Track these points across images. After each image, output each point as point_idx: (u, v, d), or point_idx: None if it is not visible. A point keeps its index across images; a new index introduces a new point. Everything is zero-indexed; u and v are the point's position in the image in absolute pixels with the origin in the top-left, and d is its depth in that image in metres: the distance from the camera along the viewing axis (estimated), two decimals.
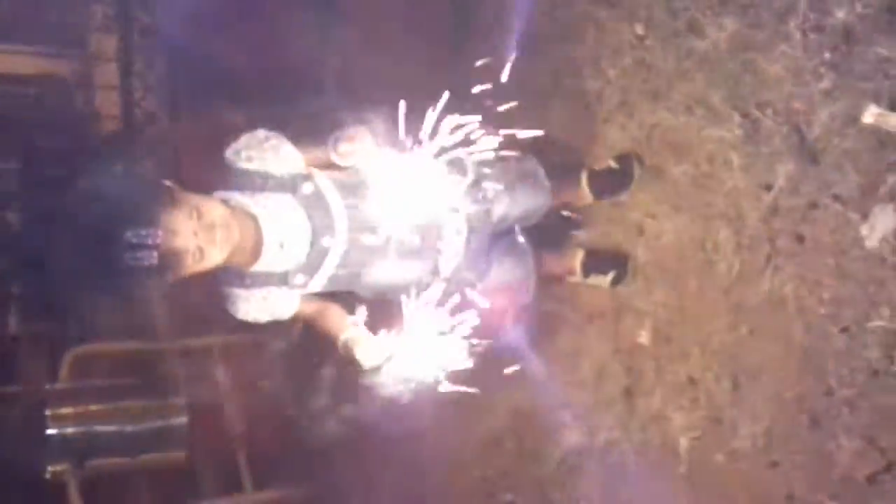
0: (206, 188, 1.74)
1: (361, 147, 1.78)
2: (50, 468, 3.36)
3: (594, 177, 2.45)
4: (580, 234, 2.56)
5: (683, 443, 2.33)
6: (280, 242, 1.74)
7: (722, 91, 2.24)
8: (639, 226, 2.46)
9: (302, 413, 3.65)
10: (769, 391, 2.15)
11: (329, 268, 1.81)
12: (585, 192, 2.45)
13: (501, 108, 2.01)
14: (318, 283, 1.83)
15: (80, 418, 3.45)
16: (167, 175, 1.72)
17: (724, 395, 2.25)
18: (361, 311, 1.84)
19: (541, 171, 2.22)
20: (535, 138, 2.72)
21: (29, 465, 3.36)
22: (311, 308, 1.89)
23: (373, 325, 1.85)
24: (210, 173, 1.81)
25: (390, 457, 3.20)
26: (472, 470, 2.94)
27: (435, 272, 1.98)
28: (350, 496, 3.45)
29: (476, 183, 2.01)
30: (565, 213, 2.53)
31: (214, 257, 1.66)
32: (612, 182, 2.45)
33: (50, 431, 3.39)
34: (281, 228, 1.74)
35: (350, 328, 1.83)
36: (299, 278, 1.80)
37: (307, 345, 3.53)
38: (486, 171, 2.05)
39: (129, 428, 3.52)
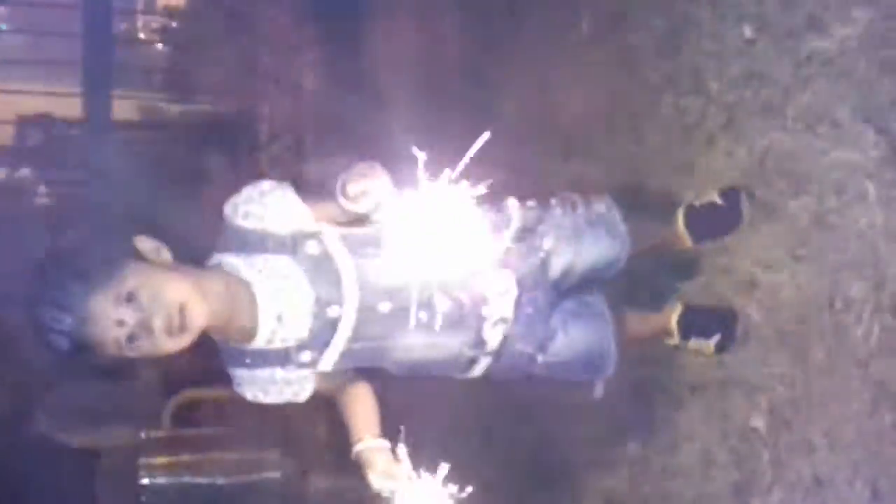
0: None
1: (374, 187, 1.45)
2: None
3: (693, 215, 1.98)
4: (678, 287, 2.08)
5: None
6: (278, 314, 1.44)
7: (851, 102, 1.72)
8: (750, 277, 1.95)
9: None
10: None
11: (340, 342, 1.49)
12: (683, 235, 1.98)
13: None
14: (330, 361, 1.51)
15: (172, 468, 3.37)
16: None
17: (859, 503, 1.69)
18: (401, 450, 1.47)
19: (615, 214, 1.77)
20: (623, 172, 2.32)
21: None
22: (336, 386, 1.58)
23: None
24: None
25: None
26: None
27: (479, 344, 1.60)
28: None
29: (525, 231, 1.64)
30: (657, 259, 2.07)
31: (161, 346, 1.36)
32: (715, 221, 1.96)
33: (142, 481, 3.32)
34: (279, 296, 1.44)
35: (369, 439, 1.51)
36: (306, 355, 1.48)
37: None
38: (539, 215, 1.67)
39: (221, 480, 3.39)
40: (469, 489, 1.39)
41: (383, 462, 1.46)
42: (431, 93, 3.48)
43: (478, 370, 1.66)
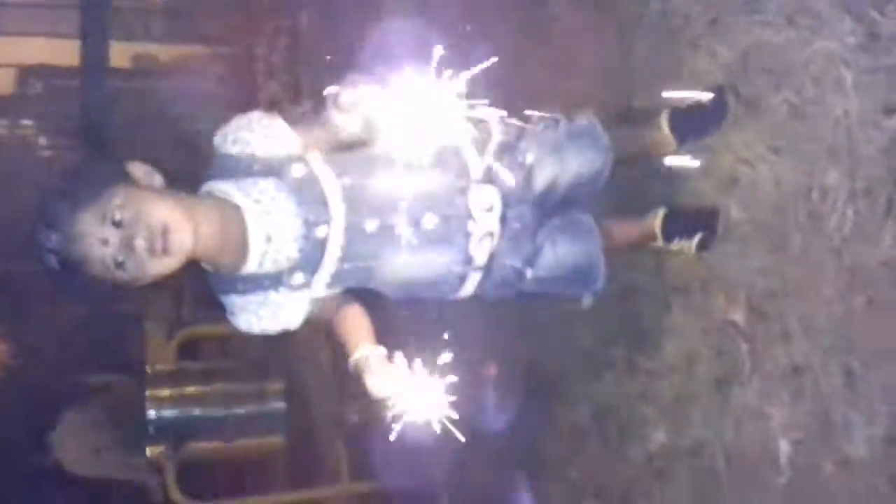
0: None
1: (364, 96, 1.46)
2: (148, 450, 3.36)
3: (677, 117, 1.99)
4: (661, 191, 2.10)
5: (784, 447, 1.83)
6: (267, 235, 1.46)
7: None
8: (731, 175, 1.97)
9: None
10: (891, 382, 1.62)
11: (330, 263, 1.51)
12: (667, 137, 2.00)
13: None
14: (322, 282, 1.53)
15: (178, 401, 3.44)
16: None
17: (833, 386, 1.73)
18: (398, 356, 1.45)
19: (597, 126, 1.78)
20: (612, 82, 2.33)
21: (128, 448, 3.38)
22: (328, 311, 1.57)
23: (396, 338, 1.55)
24: None
25: (476, 454, 2.89)
26: (559, 470, 2.55)
27: (467, 261, 1.62)
28: (441, 490, 3.17)
29: (508, 145, 1.65)
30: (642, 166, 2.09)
31: (148, 268, 1.38)
32: (698, 121, 1.98)
33: (149, 413, 3.39)
34: (268, 218, 1.46)
35: (364, 346, 1.48)
36: (297, 277, 1.50)
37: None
38: (520, 131, 1.69)
39: (226, 411, 3.46)
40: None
41: (380, 366, 1.43)
42: (428, 22, 3.49)
43: (468, 288, 1.67)
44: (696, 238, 2.00)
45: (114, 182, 1.39)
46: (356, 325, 1.55)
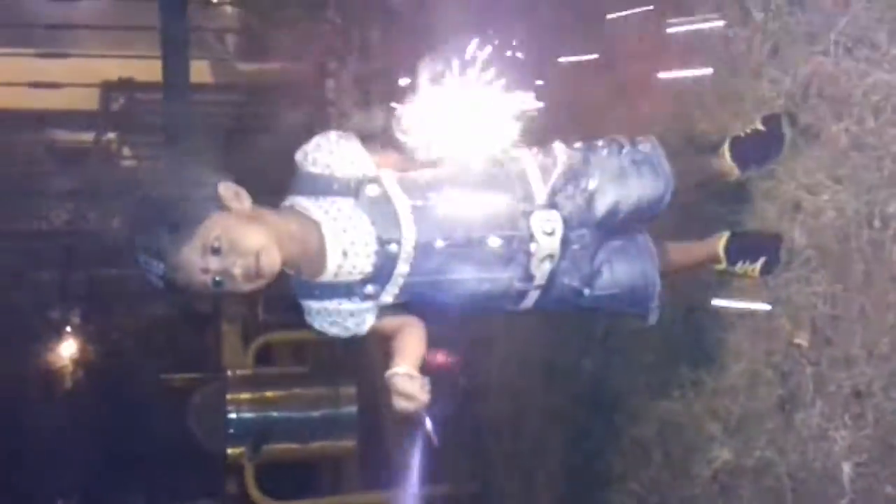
0: None
1: (425, 116, 1.59)
2: (229, 451, 3.54)
3: (738, 145, 2.05)
4: (725, 214, 2.15)
5: (847, 469, 1.87)
6: (343, 250, 1.60)
7: (888, 24, 1.76)
8: (794, 201, 2.01)
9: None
10: None
11: (399, 276, 1.64)
12: (730, 166, 2.05)
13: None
14: (391, 293, 1.66)
15: (257, 404, 3.61)
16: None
17: (895, 412, 1.77)
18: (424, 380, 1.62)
19: (660, 153, 1.83)
20: (674, 107, 2.38)
21: (211, 447, 3.56)
22: (390, 326, 1.71)
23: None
24: None
25: (546, 460, 2.98)
26: (623, 482, 2.62)
27: (527, 279, 1.72)
28: (508, 498, 3.27)
29: (571, 172, 1.74)
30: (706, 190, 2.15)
31: (240, 288, 1.55)
32: (759, 149, 2.03)
33: (230, 415, 3.57)
34: (344, 235, 1.60)
35: (403, 366, 1.62)
36: (369, 288, 1.64)
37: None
38: (585, 156, 1.78)
39: (301, 415, 3.62)
40: None
41: (403, 385, 1.58)
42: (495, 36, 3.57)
43: (528, 302, 1.78)
44: (760, 262, 2.05)
45: (208, 211, 1.53)
46: (406, 345, 1.68)
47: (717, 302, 2.18)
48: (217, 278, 1.52)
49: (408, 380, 1.60)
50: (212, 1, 6.67)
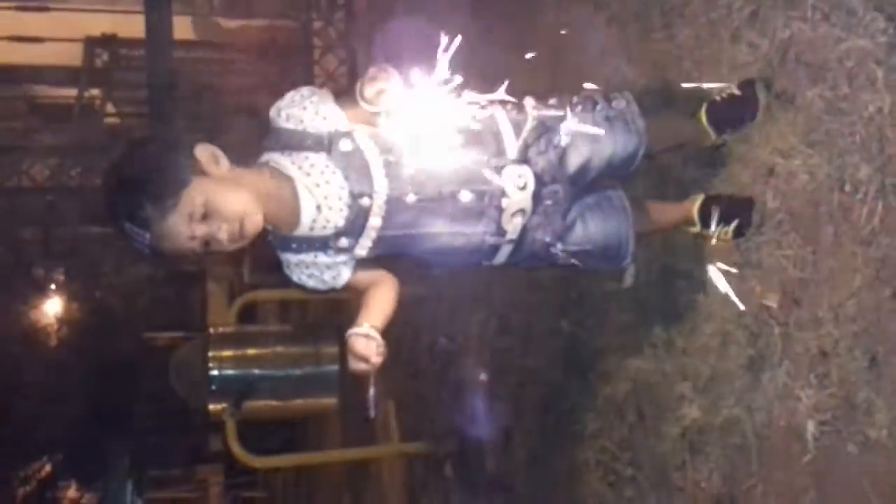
0: None
1: (388, 88, 1.59)
2: (211, 407, 3.58)
3: (714, 109, 2.07)
4: (700, 177, 2.18)
5: (810, 427, 1.92)
6: (317, 205, 1.63)
7: None
8: (768, 165, 2.04)
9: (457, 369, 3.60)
10: None
11: (372, 230, 1.66)
12: (705, 129, 2.08)
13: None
14: (364, 246, 1.68)
15: (238, 361, 3.64)
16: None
17: (858, 372, 1.81)
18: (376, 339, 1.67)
19: (634, 109, 1.84)
20: (656, 69, 2.40)
21: (193, 403, 3.59)
22: (364, 280, 1.75)
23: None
24: None
25: (522, 418, 3.03)
26: (596, 440, 2.68)
27: (499, 233, 1.75)
28: (486, 455, 3.33)
29: (544, 127, 1.75)
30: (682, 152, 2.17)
31: (225, 249, 1.61)
32: (734, 113, 2.05)
33: (211, 372, 3.60)
34: (317, 190, 1.62)
35: (365, 325, 1.67)
36: (343, 241, 1.66)
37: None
38: (557, 112, 1.79)
39: (283, 372, 3.66)
40: None
41: (357, 344, 1.65)
42: (474, 7, 3.57)
43: (501, 257, 1.81)
44: (733, 225, 2.08)
45: (188, 177, 1.55)
46: (372, 302, 1.73)
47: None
48: (202, 245, 1.56)
49: (363, 340, 1.65)
50: None
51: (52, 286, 8.29)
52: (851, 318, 1.83)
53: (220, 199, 1.56)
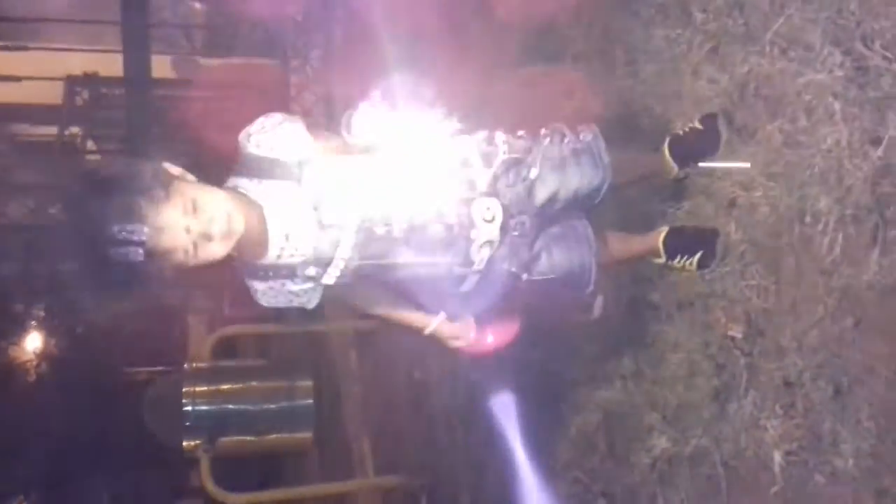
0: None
1: (374, 123, 1.61)
2: (185, 443, 3.54)
3: (677, 143, 2.10)
4: (664, 210, 2.21)
5: (777, 457, 1.93)
6: (285, 234, 1.61)
7: (821, 26, 1.82)
8: (730, 198, 2.07)
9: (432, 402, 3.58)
10: (877, 399, 1.71)
11: (339, 260, 1.65)
12: (668, 162, 2.11)
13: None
14: (332, 276, 1.67)
15: (212, 396, 3.61)
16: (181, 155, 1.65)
17: (823, 401, 1.83)
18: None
19: (601, 144, 1.86)
20: (619, 104, 2.44)
21: (167, 440, 3.55)
22: (365, 302, 1.83)
23: None
24: None
25: (493, 453, 3.01)
26: (568, 471, 2.67)
27: (467, 263, 1.74)
28: (461, 489, 3.30)
29: (513, 161, 1.77)
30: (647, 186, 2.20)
31: (213, 251, 1.54)
32: (696, 147, 2.08)
33: (185, 408, 3.57)
34: (286, 219, 1.61)
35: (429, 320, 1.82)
36: (311, 270, 1.65)
37: None
38: (528, 145, 1.81)
39: (257, 407, 3.63)
40: None
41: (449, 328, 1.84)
42: (447, 26, 3.60)
43: (467, 286, 1.81)
44: (697, 256, 2.10)
45: (174, 178, 1.51)
46: (408, 311, 1.83)
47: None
48: (195, 242, 1.49)
49: (447, 325, 1.83)
50: None
51: (32, 322, 8.20)
52: (815, 348, 1.85)
53: (206, 196, 1.52)
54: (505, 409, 2.87)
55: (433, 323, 1.82)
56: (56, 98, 6.46)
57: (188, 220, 1.48)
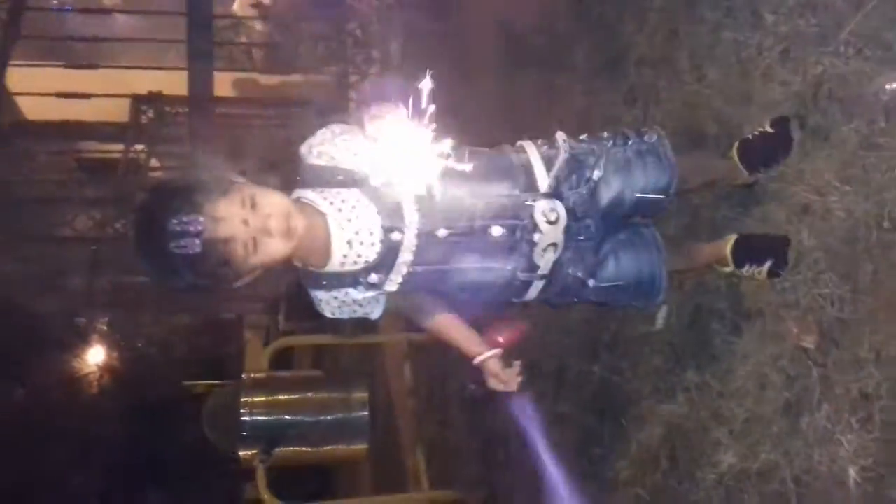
0: None
1: (391, 125, 1.60)
2: (241, 453, 3.56)
3: (746, 147, 2.05)
4: (733, 216, 2.14)
5: (853, 473, 1.84)
6: (348, 240, 1.61)
7: None
8: (803, 203, 2.00)
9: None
10: None
11: (402, 265, 1.65)
12: (737, 167, 2.05)
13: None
14: (395, 282, 1.67)
15: (270, 407, 3.63)
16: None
17: None
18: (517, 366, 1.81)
19: (666, 144, 1.82)
20: (686, 110, 2.39)
21: (224, 450, 3.58)
22: (422, 314, 1.81)
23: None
24: None
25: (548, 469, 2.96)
26: (629, 488, 2.60)
27: (532, 269, 1.72)
28: (519, 501, 3.24)
29: (576, 162, 1.74)
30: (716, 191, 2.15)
31: (275, 249, 1.54)
32: (767, 151, 2.03)
33: (243, 418, 3.59)
34: (349, 225, 1.61)
35: (493, 350, 1.79)
36: (373, 277, 1.65)
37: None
38: (587, 147, 1.78)
39: (313, 418, 3.63)
40: None
41: (498, 369, 1.80)
42: (511, 44, 3.60)
43: (532, 293, 1.78)
44: (767, 264, 2.03)
45: (231, 181, 1.53)
46: (465, 332, 1.81)
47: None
48: (255, 238, 1.49)
49: (499, 363, 1.79)
50: (240, 17, 6.81)
51: (95, 335, 8.39)
52: (893, 359, 1.77)
53: (267, 194, 1.53)
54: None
55: (485, 355, 1.79)
56: (122, 116, 6.65)
57: (246, 212, 1.49)
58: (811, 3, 1.98)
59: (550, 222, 1.69)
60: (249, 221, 1.50)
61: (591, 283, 1.79)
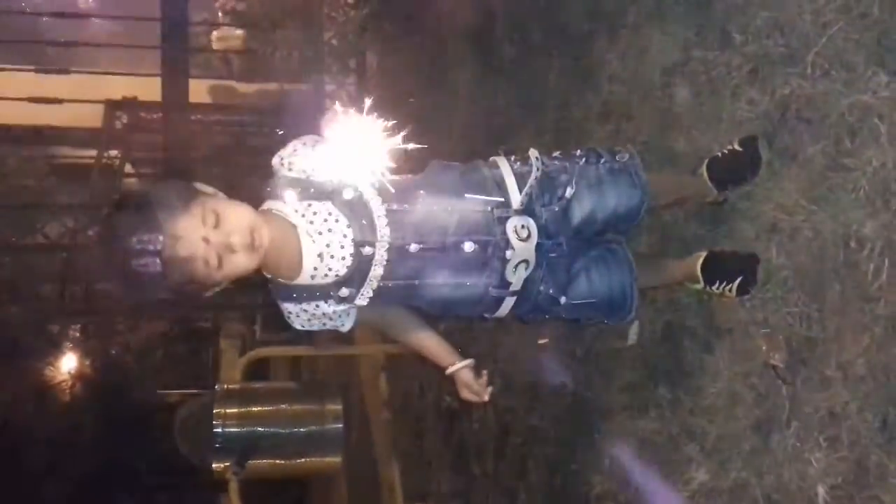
0: None
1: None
2: (214, 465, 3.53)
3: (715, 165, 2.06)
4: (703, 234, 2.15)
5: (822, 492, 1.85)
6: (319, 253, 1.60)
7: (866, 46, 1.77)
8: (771, 222, 2.01)
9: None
10: None
11: (373, 279, 1.65)
12: (706, 185, 2.07)
13: None
14: (366, 296, 1.67)
15: (243, 418, 3.60)
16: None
17: (870, 433, 1.75)
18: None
19: (637, 163, 1.84)
20: (655, 128, 2.40)
21: (197, 461, 3.54)
22: (397, 328, 1.83)
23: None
24: None
25: (527, 479, 2.96)
26: (602, 502, 2.60)
27: (503, 285, 1.73)
28: None
29: (549, 179, 1.75)
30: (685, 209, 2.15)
31: (239, 263, 1.53)
32: (736, 169, 2.04)
33: (216, 429, 3.55)
34: (320, 238, 1.60)
35: (466, 360, 1.82)
36: (344, 291, 1.65)
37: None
38: (560, 164, 1.79)
39: (287, 430, 3.61)
40: None
41: (469, 380, 1.82)
42: (484, 57, 3.60)
43: (504, 309, 1.79)
44: (737, 282, 2.04)
45: (198, 193, 1.53)
46: (437, 343, 1.84)
47: None
48: (217, 255, 1.48)
49: (471, 374, 1.81)
50: (218, 23, 6.76)
51: (67, 343, 8.29)
52: (861, 378, 1.78)
53: (229, 209, 1.52)
54: None
55: (458, 365, 1.81)
56: (96, 121, 6.57)
57: (207, 230, 1.49)
58: (779, 25, 2.00)
59: (522, 239, 1.70)
60: (210, 239, 1.49)
61: (562, 300, 1.80)
